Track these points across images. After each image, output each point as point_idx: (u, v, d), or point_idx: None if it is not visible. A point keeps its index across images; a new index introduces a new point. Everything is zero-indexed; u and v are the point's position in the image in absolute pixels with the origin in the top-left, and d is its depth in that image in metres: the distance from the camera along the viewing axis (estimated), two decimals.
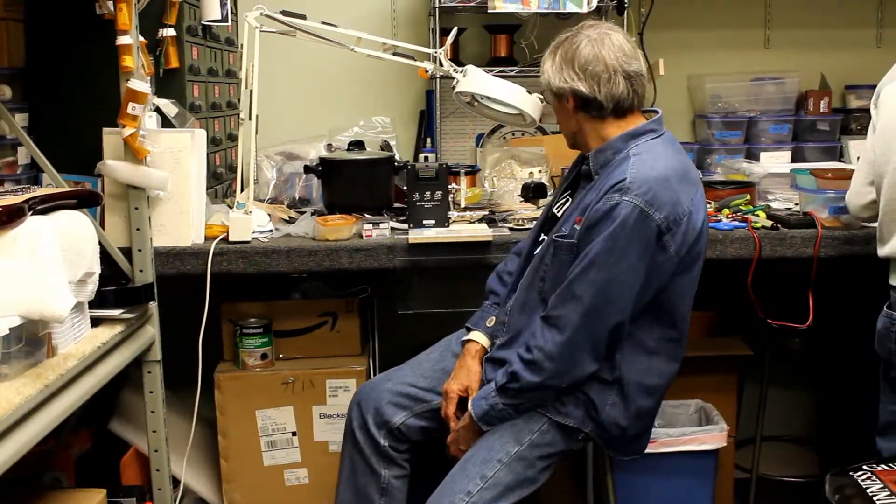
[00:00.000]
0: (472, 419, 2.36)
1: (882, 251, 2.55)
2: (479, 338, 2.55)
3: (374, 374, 3.16)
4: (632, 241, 2.18)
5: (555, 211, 2.52)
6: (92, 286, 2.27)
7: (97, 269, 2.28)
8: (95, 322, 2.36)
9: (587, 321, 2.22)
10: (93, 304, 2.34)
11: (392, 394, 2.58)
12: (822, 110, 3.86)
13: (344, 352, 3.12)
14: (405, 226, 2.97)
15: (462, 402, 2.45)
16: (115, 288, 2.47)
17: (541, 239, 2.52)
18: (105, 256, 2.36)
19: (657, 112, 2.41)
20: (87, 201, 2.35)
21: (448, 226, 2.96)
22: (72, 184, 2.67)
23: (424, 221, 2.94)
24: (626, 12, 3.48)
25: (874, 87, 2.64)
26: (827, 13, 4.01)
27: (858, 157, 2.76)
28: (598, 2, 3.38)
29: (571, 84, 2.31)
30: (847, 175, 2.81)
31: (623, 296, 2.22)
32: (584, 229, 2.26)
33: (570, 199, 2.47)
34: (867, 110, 2.68)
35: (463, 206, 3.21)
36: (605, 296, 2.21)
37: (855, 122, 3.85)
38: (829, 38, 4.02)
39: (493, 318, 2.56)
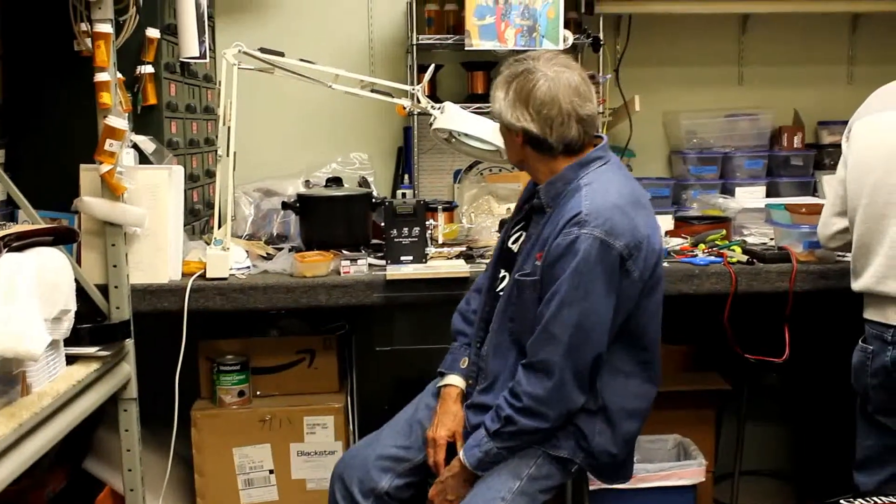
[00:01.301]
0: (462, 467, 2.33)
1: (856, 285, 2.57)
2: (457, 381, 2.51)
3: (353, 411, 3.15)
4: (597, 272, 2.19)
5: (510, 245, 2.50)
6: (67, 324, 2.26)
7: (73, 307, 2.26)
8: (71, 360, 2.34)
9: (570, 359, 2.21)
10: (68, 342, 2.32)
11: (375, 458, 2.50)
12: (795, 146, 3.91)
13: (322, 389, 3.10)
14: (383, 262, 2.97)
15: (450, 448, 2.42)
16: (90, 325, 2.45)
17: (501, 275, 2.49)
18: (81, 293, 2.35)
19: (603, 138, 2.41)
20: (63, 238, 2.33)
21: (426, 262, 2.96)
22: (48, 220, 2.66)
23: (402, 258, 2.94)
24: (601, 49, 3.51)
25: (846, 122, 2.68)
26: (799, 50, 4.06)
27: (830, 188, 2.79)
28: (574, 39, 3.40)
29: (523, 123, 2.27)
30: (820, 210, 2.84)
31: (598, 327, 2.23)
32: (545, 266, 2.25)
33: (524, 233, 2.44)
34: (840, 145, 2.72)
35: (441, 242, 3.22)
36: (583, 331, 2.21)
37: (828, 157, 3.90)
38: (801, 75, 4.08)
39: (466, 359, 2.53)
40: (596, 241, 2.18)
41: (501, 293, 2.44)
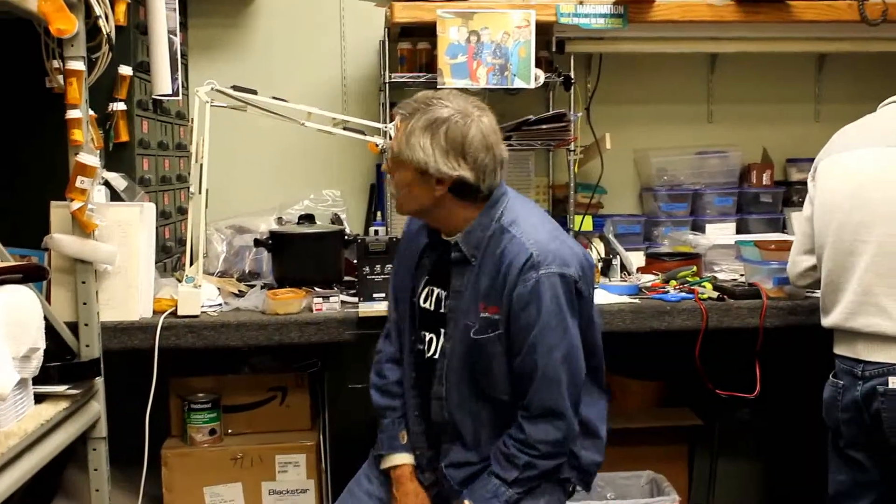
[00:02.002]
0: None
1: (826, 321, 2.59)
2: (406, 458, 2.45)
3: (325, 449, 3.13)
4: (563, 306, 2.21)
5: (423, 305, 2.42)
6: (36, 362, 2.24)
7: (42, 345, 2.24)
8: (39, 398, 2.32)
9: (571, 394, 2.25)
10: (37, 380, 2.30)
11: None
12: (764, 183, 3.95)
13: (294, 426, 3.09)
14: (355, 299, 2.96)
15: None
16: (60, 363, 2.44)
17: (427, 338, 2.41)
18: (50, 331, 2.33)
19: None
20: (32, 276, 2.32)
21: None
22: (18, 258, 2.64)
23: (375, 295, 2.93)
24: (572, 88, 3.55)
25: (813, 160, 2.71)
26: (767, 89, 4.11)
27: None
28: (546, 78, 3.43)
29: (459, 172, 2.21)
30: (789, 247, 2.87)
31: (579, 353, 2.27)
32: (510, 316, 2.22)
33: (439, 289, 2.39)
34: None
35: None
36: (572, 364, 2.25)
37: (796, 194, 3.93)
38: (769, 113, 4.13)
39: (403, 432, 2.46)
40: (555, 276, 2.20)
41: (436, 356, 2.38)
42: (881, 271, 2.42)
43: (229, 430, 3.06)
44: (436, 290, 2.41)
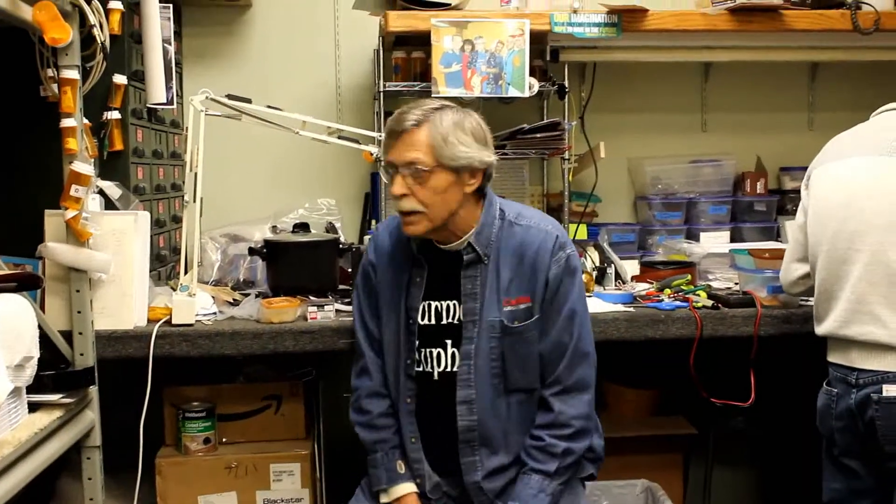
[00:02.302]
0: None
1: (819, 330, 2.59)
2: (410, 487, 2.45)
3: (320, 458, 3.12)
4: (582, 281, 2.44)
5: (423, 323, 2.43)
6: (30, 371, 2.23)
7: (36, 354, 2.24)
8: (33, 407, 2.31)
9: (595, 365, 2.42)
10: (31, 389, 2.29)
11: None
12: (758, 191, 3.96)
13: (288, 435, 3.08)
14: (350, 308, 2.96)
15: None
16: (54, 372, 2.43)
17: (434, 353, 2.42)
18: (44, 340, 2.32)
19: None
20: (27, 284, 2.31)
21: None
22: (12, 266, 2.64)
23: None
24: (567, 96, 3.55)
25: (807, 168, 2.72)
26: (761, 98, 4.13)
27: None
28: (540, 87, 3.44)
29: (491, 159, 2.34)
30: (783, 255, 2.87)
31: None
32: (545, 299, 2.35)
33: (433, 303, 2.42)
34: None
35: None
36: (591, 334, 2.44)
37: (790, 202, 3.95)
38: (763, 122, 4.14)
39: (400, 462, 2.46)
40: (575, 254, 2.41)
41: (452, 367, 2.40)
42: (874, 280, 2.42)
43: (224, 439, 3.05)
44: (434, 304, 2.43)
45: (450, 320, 2.41)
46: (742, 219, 3.94)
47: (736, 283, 3.25)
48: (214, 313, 2.94)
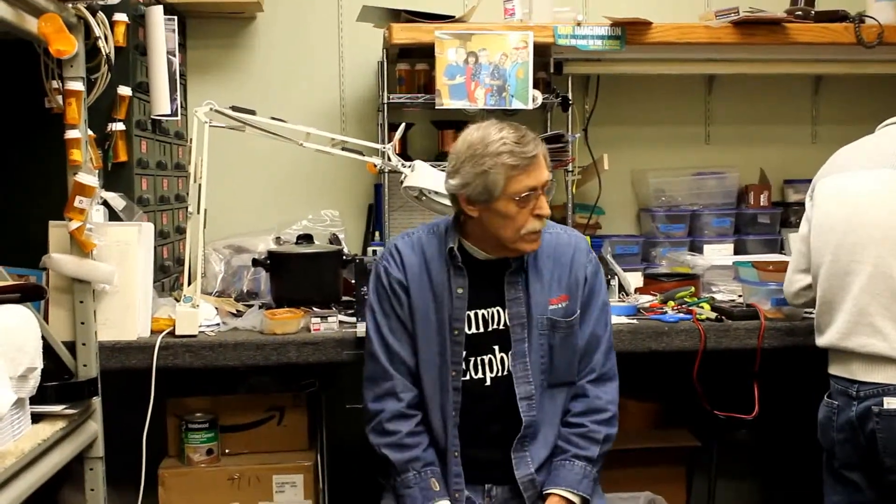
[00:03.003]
0: None
1: (820, 341, 2.59)
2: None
3: (323, 469, 3.12)
4: None
5: (471, 332, 2.45)
6: (33, 381, 2.23)
7: (39, 364, 2.24)
8: (36, 418, 2.32)
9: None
10: (34, 400, 2.29)
11: None
12: (762, 204, 3.96)
13: (291, 447, 3.08)
14: (353, 319, 2.96)
15: None
16: (57, 383, 2.43)
17: (483, 359, 2.45)
18: (48, 351, 2.33)
19: None
20: (30, 295, 2.32)
21: None
22: (16, 277, 2.64)
23: None
24: (570, 109, 3.56)
25: (811, 180, 2.72)
26: (764, 110, 4.13)
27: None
28: (544, 99, 3.45)
29: None
30: (787, 267, 2.87)
31: None
32: (584, 294, 2.52)
33: (480, 311, 2.47)
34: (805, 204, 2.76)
35: None
36: None
37: (794, 215, 3.94)
38: (766, 135, 4.14)
39: (434, 480, 2.41)
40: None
41: (505, 371, 2.45)
42: (876, 292, 2.42)
43: (227, 450, 3.05)
44: (480, 312, 2.47)
45: (496, 326, 2.47)
46: (746, 231, 3.94)
47: (739, 296, 3.24)
48: (218, 324, 2.94)
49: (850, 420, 2.45)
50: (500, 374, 2.46)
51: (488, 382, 2.46)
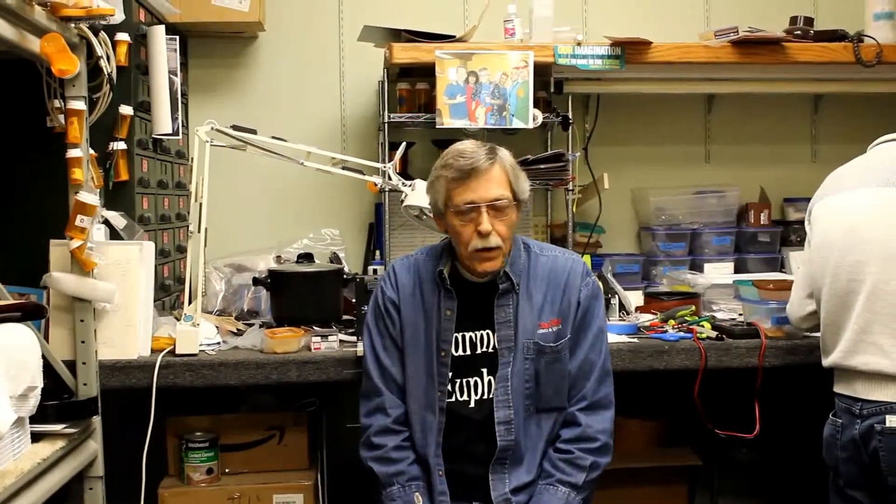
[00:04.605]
0: None
1: (826, 361, 2.59)
2: None
3: (323, 489, 3.11)
4: None
5: (458, 354, 2.46)
6: (34, 400, 2.23)
7: (40, 383, 2.24)
8: (36, 437, 2.31)
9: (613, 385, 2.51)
10: (34, 419, 2.29)
11: None
12: (762, 222, 3.96)
13: (291, 466, 3.07)
14: (354, 338, 2.96)
15: None
16: (57, 402, 2.43)
17: (470, 381, 2.45)
18: (48, 369, 2.33)
19: None
20: (31, 314, 2.32)
21: None
22: (16, 296, 2.64)
23: None
24: (570, 128, 3.57)
25: (810, 199, 2.73)
26: (764, 129, 4.15)
27: (798, 267, 2.83)
28: (544, 118, 3.46)
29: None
30: (788, 286, 2.87)
31: None
32: (576, 320, 2.47)
33: (468, 333, 2.46)
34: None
35: None
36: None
37: (794, 233, 3.95)
38: (766, 153, 4.15)
39: (418, 494, 2.42)
40: (596, 280, 2.58)
41: (488, 395, 2.44)
42: (877, 309, 2.42)
43: (227, 470, 3.04)
44: (468, 335, 2.47)
45: (484, 349, 2.47)
46: (746, 250, 3.94)
47: (740, 314, 3.24)
48: (218, 343, 2.94)
49: (854, 438, 2.45)
50: (484, 396, 2.45)
51: (472, 405, 2.45)
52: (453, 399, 2.46)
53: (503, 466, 2.42)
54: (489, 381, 2.45)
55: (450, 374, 2.46)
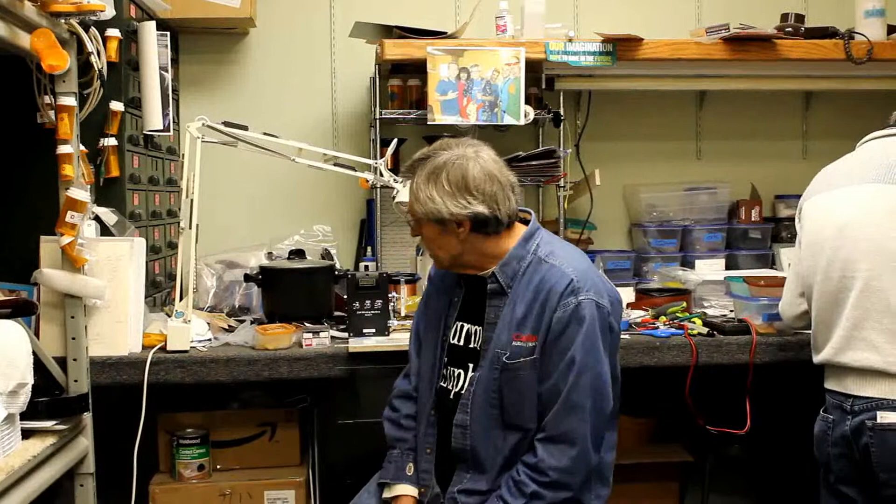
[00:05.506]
0: None
1: (817, 358, 2.59)
2: (409, 489, 2.44)
3: (314, 485, 3.11)
4: (598, 334, 2.26)
5: (454, 342, 2.46)
6: (24, 397, 2.23)
7: (30, 380, 2.23)
8: (27, 434, 2.31)
9: (591, 423, 2.25)
10: (24, 416, 2.29)
11: None
12: (753, 219, 3.97)
13: (283, 462, 3.07)
14: (345, 335, 2.96)
15: None
16: (48, 399, 2.43)
17: (455, 373, 2.44)
18: (39, 366, 2.32)
19: (529, 212, 2.45)
20: (21, 310, 2.32)
21: (388, 335, 2.95)
22: (7, 292, 2.64)
23: (365, 330, 2.93)
24: (562, 124, 3.57)
25: (801, 196, 2.73)
26: (755, 126, 4.15)
27: (790, 265, 2.84)
28: (535, 114, 3.46)
29: (471, 208, 2.26)
30: (779, 282, 2.88)
31: (607, 386, 2.28)
32: (547, 341, 2.27)
33: (471, 325, 2.44)
34: None
35: (403, 314, 3.22)
36: (599, 393, 2.26)
37: (785, 230, 3.96)
38: (757, 150, 4.16)
39: (411, 465, 2.46)
40: (593, 304, 2.26)
41: (463, 391, 2.39)
42: (868, 306, 2.43)
43: (218, 466, 3.04)
44: (466, 326, 2.45)
45: (474, 345, 2.43)
46: (737, 246, 3.95)
47: (731, 311, 3.25)
48: (209, 340, 2.93)
49: (845, 434, 2.45)
50: (461, 391, 2.41)
51: (451, 396, 2.43)
52: (443, 385, 2.46)
53: (465, 468, 2.38)
54: (471, 377, 2.39)
55: (445, 358, 2.47)
